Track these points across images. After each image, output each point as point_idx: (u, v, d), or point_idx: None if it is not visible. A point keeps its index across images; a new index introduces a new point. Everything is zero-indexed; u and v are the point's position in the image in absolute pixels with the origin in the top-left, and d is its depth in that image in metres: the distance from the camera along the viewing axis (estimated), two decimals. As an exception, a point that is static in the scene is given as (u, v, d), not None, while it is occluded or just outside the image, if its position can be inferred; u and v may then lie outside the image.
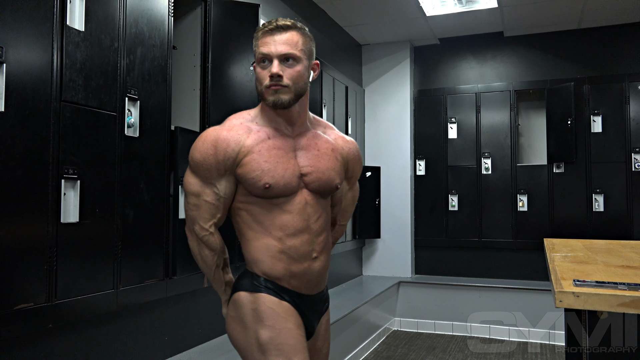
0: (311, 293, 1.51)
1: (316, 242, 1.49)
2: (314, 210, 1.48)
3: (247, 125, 1.46)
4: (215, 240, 1.49)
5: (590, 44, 4.92)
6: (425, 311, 4.96)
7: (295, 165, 1.45)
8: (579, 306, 1.20)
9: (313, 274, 1.49)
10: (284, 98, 1.40)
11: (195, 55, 2.67)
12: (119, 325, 2.27)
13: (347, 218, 1.69)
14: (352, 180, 1.64)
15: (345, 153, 1.57)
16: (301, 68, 1.42)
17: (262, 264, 1.45)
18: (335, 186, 1.51)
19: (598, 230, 4.63)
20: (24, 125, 1.72)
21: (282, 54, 1.39)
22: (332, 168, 1.50)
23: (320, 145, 1.51)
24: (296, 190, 1.45)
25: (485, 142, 5.11)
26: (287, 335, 1.39)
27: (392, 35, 5.18)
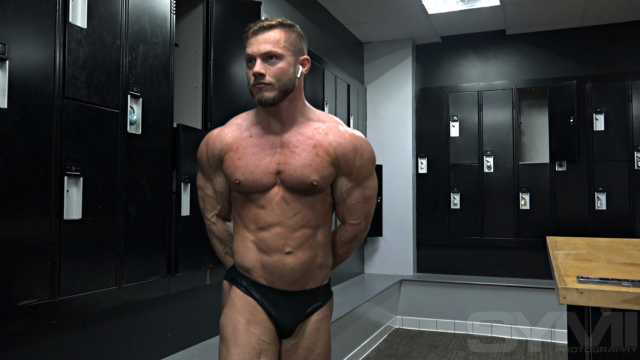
0: (289, 289, 1.51)
1: (291, 237, 1.48)
2: (290, 207, 1.47)
3: (240, 124, 1.56)
4: (218, 229, 1.64)
5: (592, 41, 4.91)
6: (427, 309, 4.96)
7: (270, 162, 1.48)
8: (583, 303, 1.19)
9: (286, 268, 1.48)
10: (268, 95, 1.43)
11: (197, 53, 2.67)
12: (122, 322, 2.27)
13: (359, 217, 1.58)
14: (353, 176, 1.53)
15: (334, 148, 1.49)
16: (284, 65, 1.44)
17: (237, 255, 1.55)
18: (310, 183, 1.46)
19: (600, 229, 4.62)
20: (26, 122, 1.72)
21: (264, 53, 1.43)
22: (307, 165, 1.46)
23: (301, 142, 1.49)
24: (269, 187, 1.47)
25: (487, 140, 5.11)
26: (234, 327, 1.48)
27: (394, 33, 5.17)
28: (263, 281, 1.51)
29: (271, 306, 1.50)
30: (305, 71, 1.52)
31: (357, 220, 1.59)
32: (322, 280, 1.57)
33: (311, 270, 1.52)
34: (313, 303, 1.55)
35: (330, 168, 1.49)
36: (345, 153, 1.50)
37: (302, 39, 1.51)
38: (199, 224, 2.56)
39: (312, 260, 1.51)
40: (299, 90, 1.51)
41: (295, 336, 1.53)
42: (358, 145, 1.52)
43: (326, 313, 1.58)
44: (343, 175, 1.53)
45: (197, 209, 2.53)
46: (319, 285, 1.56)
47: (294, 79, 1.47)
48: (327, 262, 1.58)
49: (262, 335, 1.47)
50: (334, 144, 1.50)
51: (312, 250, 1.51)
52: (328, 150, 1.49)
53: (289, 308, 1.51)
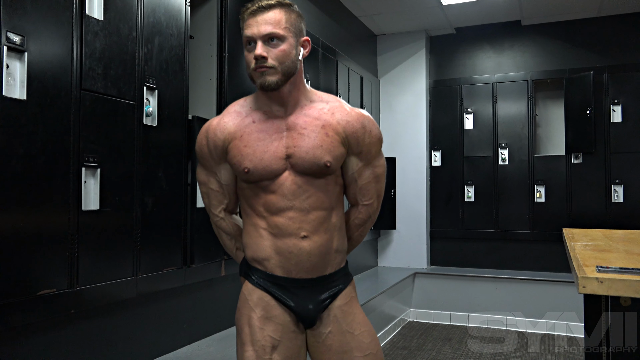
0: (307, 277, 1.45)
1: (305, 220, 1.42)
2: (302, 191, 1.42)
3: (239, 111, 1.48)
4: (227, 225, 1.57)
5: (610, 32, 4.84)
6: (441, 302, 4.95)
7: (278, 147, 1.41)
8: (603, 292, 1.18)
9: (302, 254, 1.42)
10: (271, 79, 1.36)
11: (212, 45, 2.67)
12: (138, 312, 2.29)
13: (371, 197, 1.54)
14: (363, 155, 1.49)
15: (343, 127, 1.44)
16: (287, 47, 1.37)
17: (251, 247, 1.48)
18: (323, 165, 1.40)
19: (617, 221, 4.56)
20: (45, 113, 1.74)
21: (265, 35, 1.35)
22: (318, 146, 1.41)
23: (309, 123, 1.43)
24: (280, 172, 1.41)
25: (502, 132, 5.06)
26: (247, 323, 1.45)
27: (407, 25, 5.14)
28: (279, 272, 1.45)
29: (290, 298, 1.45)
30: (306, 53, 1.45)
31: (369, 201, 1.55)
32: (339, 264, 1.51)
33: (328, 255, 1.46)
34: (333, 288, 1.49)
35: (341, 148, 1.44)
36: (355, 131, 1.46)
37: (301, 19, 1.44)
38: (214, 216, 2.58)
39: (329, 244, 1.46)
40: (300, 72, 1.45)
41: (325, 325, 1.47)
42: (366, 123, 1.48)
43: (351, 295, 1.52)
44: (353, 155, 1.48)
45: (212, 200, 2.54)
46: (336, 270, 1.50)
47: (296, 61, 1.41)
48: (343, 245, 1.53)
49: (272, 332, 1.42)
50: (342, 122, 1.45)
51: (328, 233, 1.46)
52: (337, 130, 1.44)
53: (309, 297, 1.45)
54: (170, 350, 2.46)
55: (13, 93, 1.64)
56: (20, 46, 1.65)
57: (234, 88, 2.72)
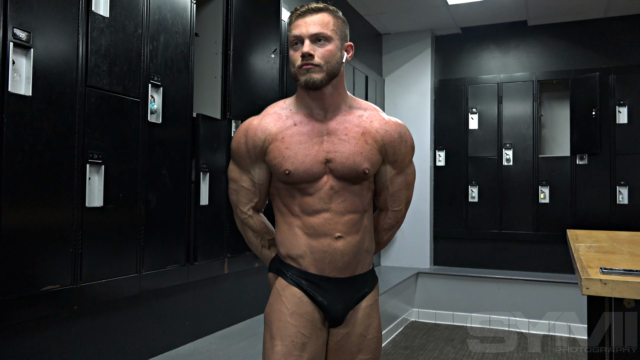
0: (339, 276, 1.47)
1: (340, 222, 1.45)
2: (338, 195, 1.45)
3: (279, 113, 1.50)
4: (255, 222, 1.58)
5: (616, 33, 4.81)
6: (444, 302, 4.94)
7: (319, 151, 1.44)
8: (607, 294, 1.18)
9: (336, 253, 1.45)
10: (316, 77, 1.39)
11: (217, 43, 2.67)
12: (141, 309, 2.30)
13: (400, 203, 1.60)
14: (397, 163, 1.54)
15: (381, 136, 1.49)
16: (333, 47, 1.42)
17: (285, 245, 1.50)
18: (362, 171, 1.45)
19: (622, 223, 4.54)
20: (50, 109, 1.74)
21: (313, 34, 1.40)
22: (358, 153, 1.45)
23: (350, 129, 1.47)
24: (319, 176, 1.44)
25: (506, 133, 5.05)
26: (277, 318, 1.46)
27: (413, 24, 5.13)
28: (313, 269, 1.47)
29: (322, 295, 1.46)
30: (350, 57, 1.50)
31: (399, 207, 1.60)
32: (368, 265, 1.55)
33: (359, 255, 1.49)
34: (362, 289, 1.52)
35: (378, 155, 1.48)
36: (392, 140, 1.50)
37: (346, 25, 1.50)
38: (217, 214, 2.58)
39: (360, 245, 1.49)
40: (342, 76, 1.49)
41: (346, 325, 1.50)
42: (402, 133, 1.53)
43: (375, 298, 1.55)
44: (388, 163, 1.53)
45: (215, 198, 2.55)
46: (366, 271, 1.54)
47: (341, 63, 1.45)
48: (372, 246, 1.56)
49: (302, 329, 1.44)
50: (380, 131, 1.49)
51: (360, 234, 1.49)
52: (376, 138, 1.48)
53: (340, 296, 1.48)
54: (173, 348, 2.47)
55: (19, 89, 1.64)
56: (27, 42, 1.65)
57: (239, 86, 2.72)
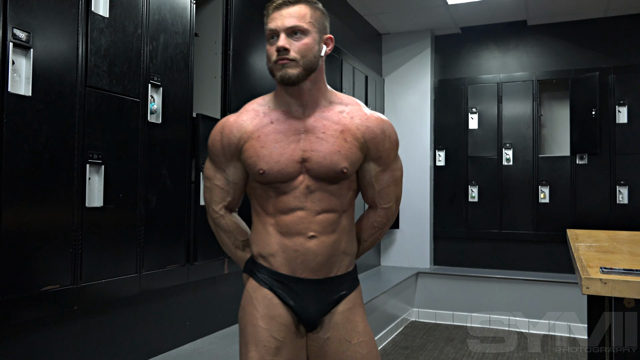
0: (312, 277, 1.42)
1: (314, 221, 1.40)
2: (314, 194, 1.40)
3: (257, 109, 1.46)
4: (226, 222, 1.52)
5: (616, 32, 4.81)
6: (444, 302, 4.94)
7: (295, 150, 1.39)
8: (607, 293, 1.18)
9: (308, 253, 1.40)
10: (292, 72, 1.34)
11: (217, 43, 2.67)
12: (141, 309, 2.30)
13: (390, 200, 1.52)
14: (382, 160, 1.46)
15: (362, 133, 1.42)
16: (309, 41, 1.36)
17: (258, 244, 1.46)
18: (340, 171, 1.39)
19: (622, 223, 4.54)
20: (50, 110, 1.74)
21: (289, 27, 1.34)
22: (336, 152, 1.38)
23: (328, 127, 1.40)
24: (295, 175, 1.39)
25: (506, 132, 5.05)
26: (249, 322, 1.43)
27: (413, 24, 5.13)
28: (284, 270, 1.42)
29: (292, 298, 1.41)
30: (329, 50, 1.44)
31: (388, 204, 1.52)
32: (347, 267, 1.47)
33: (335, 256, 1.43)
34: (338, 292, 1.45)
35: (358, 153, 1.42)
36: (374, 137, 1.44)
37: (325, 17, 1.44)
38: (217, 214, 2.58)
39: (336, 245, 1.43)
40: (322, 71, 1.43)
41: (325, 330, 1.43)
42: (385, 128, 1.46)
43: (355, 302, 1.47)
44: (371, 160, 1.46)
45: (215, 198, 2.55)
46: (343, 273, 1.46)
47: (318, 57, 1.39)
48: (351, 248, 1.49)
49: (275, 332, 1.40)
50: (361, 128, 1.43)
51: (336, 234, 1.43)
52: (356, 135, 1.42)
53: (312, 298, 1.42)
54: (173, 348, 2.47)
55: (18, 89, 1.64)
56: (26, 43, 1.65)
57: (239, 86, 2.72)
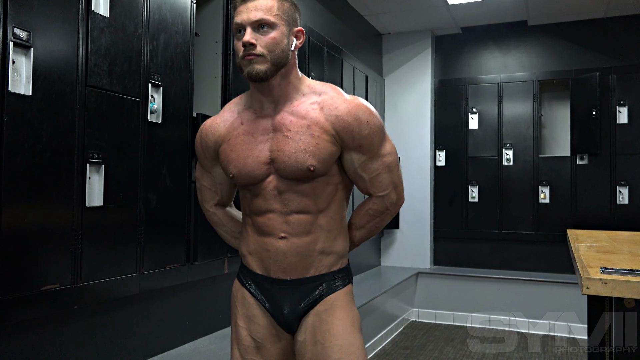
0: (286, 277, 1.38)
1: (284, 222, 1.36)
2: (284, 196, 1.36)
3: (233, 110, 1.45)
4: (219, 218, 1.58)
5: (617, 33, 4.81)
6: (444, 302, 4.94)
7: (262, 151, 1.35)
8: (607, 293, 1.18)
9: (279, 253, 1.36)
10: (259, 68, 1.29)
11: (217, 43, 2.67)
12: (141, 309, 2.30)
13: (385, 188, 1.41)
14: (364, 148, 1.36)
15: (332, 124, 1.33)
16: (277, 35, 1.30)
17: (242, 243, 1.48)
18: (306, 169, 1.31)
19: (622, 223, 4.54)
20: (50, 109, 1.74)
21: (255, 21, 1.29)
22: (301, 150, 1.31)
23: (294, 124, 1.34)
24: (263, 177, 1.36)
25: (506, 133, 5.05)
26: (233, 321, 1.48)
27: (413, 24, 5.13)
28: (258, 270, 1.41)
29: (267, 299, 1.40)
30: (300, 44, 1.37)
31: (384, 192, 1.42)
32: (328, 267, 1.40)
33: (310, 257, 1.37)
34: (313, 293, 1.38)
35: (330, 148, 1.33)
36: (347, 126, 1.33)
37: (295, 9, 1.37)
38: (217, 213, 2.58)
39: (311, 246, 1.37)
40: (293, 64, 1.37)
41: (302, 332, 1.39)
42: (360, 114, 1.34)
43: (334, 303, 1.39)
44: (351, 151, 1.36)
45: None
46: (322, 273, 1.39)
47: (288, 51, 1.32)
48: (332, 247, 1.40)
49: (253, 333, 1.40)
50: (330, 118, 1.33)
51: (311, 235, 1.37)
52: (325, 128, 1.33)
53: (285, 300, 1.38)
54: (172, 347, 2.47)
55: (19, 89, 1.64)
56: (27, 42, 1.65)
57: (239, 86, 2.72)
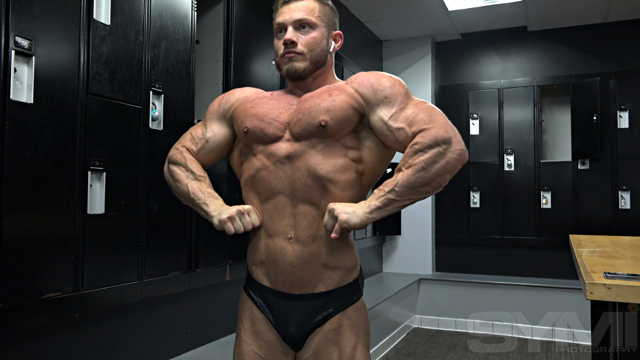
0: (293, 292, 1.31)
1: (292, 214, 1.29)
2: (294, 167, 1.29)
3: (262, 92, 1.48)
4: (182, 157, 1.47)
5: (616, 38, 4.82)
6: (446, 309, 4.92)
7: (282, 113, 1.34)
8: (611, 298, 1.17)
9: (286, 263, 1.29)
10: (298, 66, 1.32)
11: (218, 50, 2.68)
12: (143, 317, 2.29)
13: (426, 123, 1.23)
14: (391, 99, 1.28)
15: (351, 84, 1.33)
16: (317, 35, 1.34)
17: (249, 249, 1.41)
18: (318, 123, 1.26)
19: (624, 228, 4.53)
20: (51, 117, 1.74)
21: (296, 20, 1.33)
22: (316, 105, 1.29)
23: (316, 92, 1.35)
24: (276, 137, 1.32)
25: (507, 138, 5.05)
26: (237, 334, 1.40)
27: (413, 30, 5.14)
28: (266, 282, 1.34)
29: (272, 313, 1.33)
30: (338, 47, 1.41)
31: (426, 125, 1.22)
32: (337, 282, 1.31)
33: (316, 271, 1.30)
34: (323, 310, 1.30)
35: (346, 107, 1.29)
36: (365, 81, 1.32)
37: (335, 13, 1.41)
38: (219, 220, 2.57)
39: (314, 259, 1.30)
40: (330, 66, 1.41)
41: (306, 351, 1.32)
42: (378, 72, 1.35)
43: (343, 322, 1.31)
44: (377, 107, 1.30)
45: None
46: (333, 288, 1.31)
47: (327, 51, 1.36)
48: (339, 262, 1.32)
49: (256, 348, 1.34)
50: (350, 81, 1.35)
51: (315, 243, 1.29)
52: (344, 89, 1.32)
53: (293, 316, 1.31)
54: (174, 355, 2.45)
55: (20, 97, 1.64)
56: (28, 50, 1.66)
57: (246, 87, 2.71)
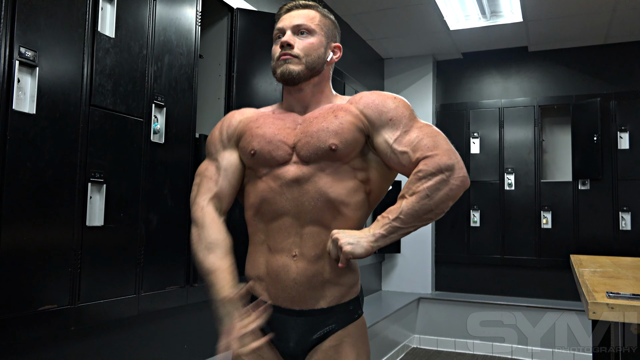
0: (293, 307, 1.28)
1: (298, 234, 1.27)
2: (303, 190, 1.26)
3: (261, 110, 1.45)
4: (203, 215, 1.35)
5: (617, 59, 4.85)
6: (446, 329, 4.87)
7: (289, 134, 1.31)
8: (614, 318, 1.15)
9: (288, 279, 1.27)
10: (293, 68, 1.29)
11: (221, 65, 2.70)
12: (140, 331, 2.27)
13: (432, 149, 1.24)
14: (396, 121, 1.28)
15: (355, 104, 1.32)
16: (315, 41, 1.33)
17: (248, 264, 1.36)
18: (328, 147, 1.25)
19: (625, 249, 4.50)
20: (53, 128, 1.74)
21: (295, 25, 1.33)
22: (324, 128, 1.27)
23: (321, 113, 1.33)
24: (283, 160, 1.29)
25: (508, 157, 5.05)
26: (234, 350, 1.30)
27: (415, 49, 5.18)
28: (265, 297, 1.30)
29: (271, 328, 1.29)
30: (336, 58, 1.40)
31: (430, 152, 1.23)
32: (339, 298, 1.29)
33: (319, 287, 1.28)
34: (324, 326, 1.28)
35: (354, 130, 1.28)
36: (371, 101, 1.31)
37: (336, 27, 1.41)
38: (218, 235, 2.56)
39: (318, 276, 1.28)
40: (327, 77, 1.39)
41: None
42: (383, 93, 1.34)
43: (343, 339, 1.28)
44: (382, 129, 1.29)
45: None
46: (334, 305, 1.29)
47: (323, 59, 1.34)
48: (341, 279, 1.30)
49: None
50: (354, 101, 1.33)
51: (320, 262, 1.28)
52: (349, 110, 1.31)
53: (293, 332, 1.29)
54: (171, 371, 2.42)
55: (23, 107, 1.65)
56: (32, 61, 1.66)
57: (242, 108, 2.72)
